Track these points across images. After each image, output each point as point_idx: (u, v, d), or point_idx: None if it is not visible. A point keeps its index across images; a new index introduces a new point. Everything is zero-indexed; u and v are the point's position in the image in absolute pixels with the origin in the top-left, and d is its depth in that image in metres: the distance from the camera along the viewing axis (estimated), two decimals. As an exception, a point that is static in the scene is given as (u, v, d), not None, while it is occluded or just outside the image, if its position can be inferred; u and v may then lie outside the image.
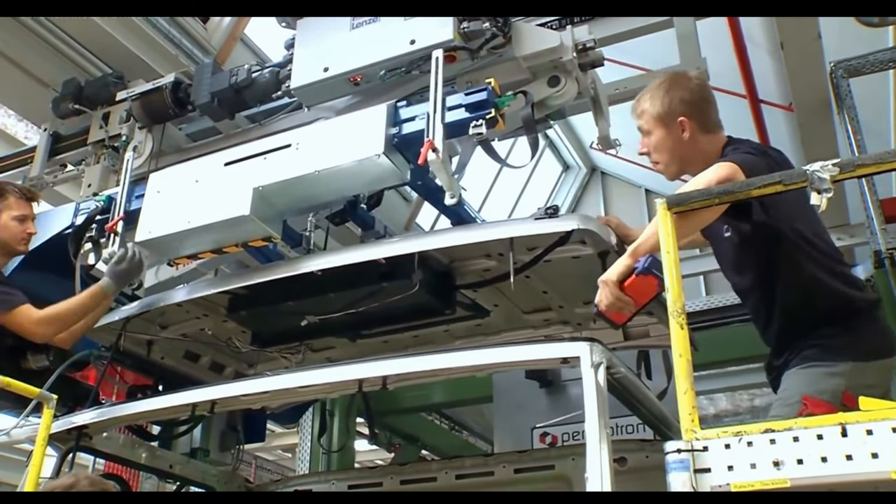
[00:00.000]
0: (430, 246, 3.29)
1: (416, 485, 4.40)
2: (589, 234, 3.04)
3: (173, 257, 3.68)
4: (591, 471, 2.42)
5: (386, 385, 3.16)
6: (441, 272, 3.53)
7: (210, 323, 4.05)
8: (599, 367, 2.64)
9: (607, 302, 2.69)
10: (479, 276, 3.58)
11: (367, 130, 3.32)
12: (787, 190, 2.23)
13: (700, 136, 3.15)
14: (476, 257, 3.44)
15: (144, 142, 4.57)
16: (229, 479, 4.89)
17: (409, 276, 3.34)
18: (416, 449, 7.28)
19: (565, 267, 3.35)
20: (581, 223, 3.03)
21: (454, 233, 3.40)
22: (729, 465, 2.00)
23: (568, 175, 14.16)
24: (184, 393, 3.43)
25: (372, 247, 3.44)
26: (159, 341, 4.18)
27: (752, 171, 2.62)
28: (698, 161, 3.06)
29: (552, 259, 3.28)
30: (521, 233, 3.14)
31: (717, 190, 2.41)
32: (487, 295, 3.70)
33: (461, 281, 3.61)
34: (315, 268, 3.38)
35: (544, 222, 3.06)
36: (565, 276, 3.45)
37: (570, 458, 4.10)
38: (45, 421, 3.41)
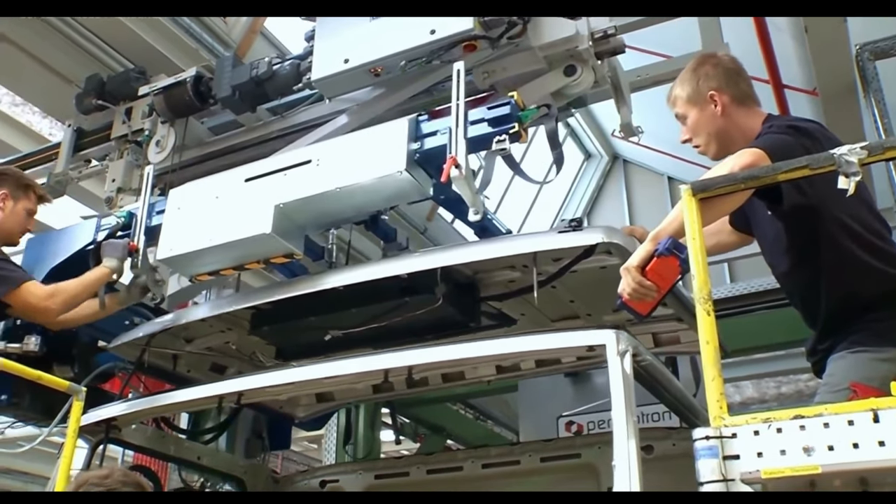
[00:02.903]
0: (453, 261, 3.24)
1: (443, 474, 4.42)
2: (614, 246, 2.99)
3: (195, 274, 3.67)
4: (619, 459, 2.42)
5: (412, 375, 3.16)
6: (465, 284, 3.48)
7: (234, 337, 4.04)
8: (626, 354, 2.63)
9: (630, 289, 2.65)
10: (504, 287, 3.52)
11: (388, 146, 3.27)
12: (814, 174, 2.20)
13: (735, 110, 3.12)
14: (500, 269, 3.39)
15: (167, 136, 4.60)
16: (256, 470, 4.92)
17: (433, 290, 3.30)
18: (441, 439, 7.28)
19: (591, 276, 3.30)
20: (606, 236, 2.97)
21: (477, 247, 3.34)
22: (758, 452, 1.98)
23: (589, 163, 14.11)
24: (211, 385, 3.45)
25: (394, 261, 3.40)
26: (185, 355, 4.18)
27: (782, 153, 2.57)
28: (738, 137, 3.03)
29: (578, 269, 3.24)
30: (544, 247, 3.09)
31: (742, 175, 2.38)
32: (513, 304, 3.65)
33: (485, 292, 3.57)
34: (337, 284, 3.35)
35: (568, 235, 3.01)
36: (592, 286, 3.40)
37: (596, 447, 4.09)
38: (74, 413, 3.46)
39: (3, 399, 4.20)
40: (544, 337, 2.86)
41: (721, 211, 2.80)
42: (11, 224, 3.97)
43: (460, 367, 3.64)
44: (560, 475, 4.20)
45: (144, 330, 3.91)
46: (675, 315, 3.53)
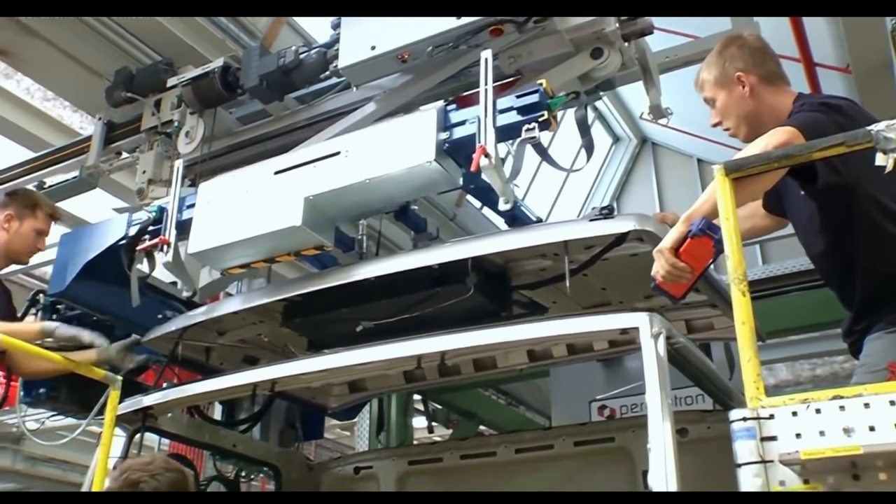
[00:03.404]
0: (484, 251, 3.22)
1: (476, 459, 4.42)
2: (646, 233, 2.96)
3: (226, 267, 3.68)
4: (654, 442, 2.40)
5: (444, 361, 3.16)
6: (496, 273, 3.47)
7: (266, 329, 4.05)
8: (659, 337, 2.61)
9: (663, 271, 2.63)
10: (536, 275, 3.51)
11: (417, 136, 3.25)
12: (851, 151, 2.17)
13: (764, 90, 3.08)
14: (532, 257, 3.37)
15: (196, 127, 4.62)
16: (291, 458, 4.97)
17: (463, 280, 3.29)
18: (473, 424, 7.29)
19: (623, 264, 3.27)
20: (637, 224, 2.95)
21: (508, 236, 3.32)
22: (797, 433, 1.96)
23: (618, 147, 14.02)
24: (245, 373, 3.48)
25: (425, 252, 3.39)
26: (217, 347, 4.21)
27: (815, 131, 2.53)
28: (768, 118, 2.99)
29: (609, 257, 3.22)
30: (576, 235, 3.07)
31: (776, 154, 2.35)
32: (545, 293, 3.63)
33: (517, 281, 3.55)
34: (368, 275, 3.35)
35: (599, 223, 2.99)
36: (624, 273, 3.38)
37: (630, 430, 4.08)
38: (111, 402, 3.51)
39: (42, 392, 4.27)
40: (577, 320, 2.84)
41: (754, 191, 2.77)
42: (18, 244, 4.01)
43: (492, 351, 3.64)
44: (594, 459, 4.19)
45: (177, 323, 3.93)
46: (709, 301, 3.50)
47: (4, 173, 5.87)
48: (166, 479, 2.34)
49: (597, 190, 13.81)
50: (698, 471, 2.67)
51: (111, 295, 4.17)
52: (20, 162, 5.87)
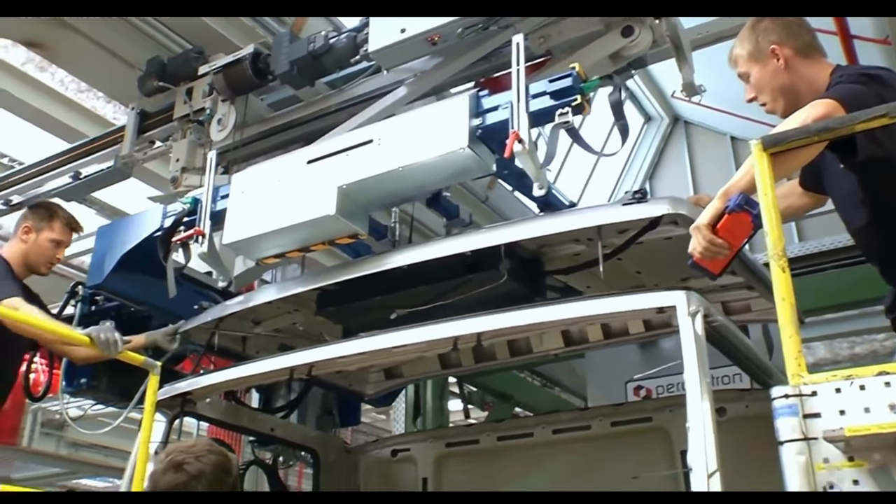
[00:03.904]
0: (517, 237, 3.21)
1: (513, 441, 4.43)
2: (680, 217, 2.93)
3: (261, 257, 3.70)
4: (693, 421, 2.39)
5: (481, 342, 3.15)
6: (529, 259, 3.46)
7: (301, 317, 4.07)
8: (696, 315, 2.59)
9: (701, 248, 2.59)
10: (570, 260, 3.49)
11: (449, 123, 3.23)
12: (894, 123, 2.12)
13: (799, 62, 3.03)
14: (565, 242, 3.35)
15: (228, 114, 4.64)
16: (329, 441, 5.01)
17: (497, 266, 3.28)
18: (509, 406, 7.29)
19: (657, 247, 3.25)
20: (671, 207, 2.92)
21: (541, 221, 3.30)
22: (840, 410, 1.94)
23: (650, 126, 13.89)
24: (282, 357, 3.50)
25: (458, 239, 3.38)
26: (253, 336, 4.23)
27: (856, 103, 2.48)
28: (805, 91, 2.93)
29: (643, 240, 3.20)
30: (609, 220, 3.06)
31: (816, 127, 2.31)
32: (579, 278, 3.63)
33: (550, 266, 3.54)
34: (402, 263, 3.35)
35: (633, 207, 2.97)
36: (658, 256, 3.35)
37: (667, 410, 4.06)
38: (151, 387, 3.57)
39: (83, 382, 4.34)
40: (614, 299, 2.82)
41: (793, 165, 2.72)
42: (34, 255, 4.05)
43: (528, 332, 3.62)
44: (631, 439, 4.18)
45: (213, 313, 3.97)
46: (745, 283, 3.47)
47: (42, 164, 5.96)
48: (210, 461, 2.37)
49: (628, 171, 13.70)
50: (737, 450, 2.65)
51: (148, 286, 4.22)
52: (56, 153, 5.94)
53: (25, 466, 10.40)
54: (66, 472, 11.33)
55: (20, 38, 5.50)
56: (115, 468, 10.37)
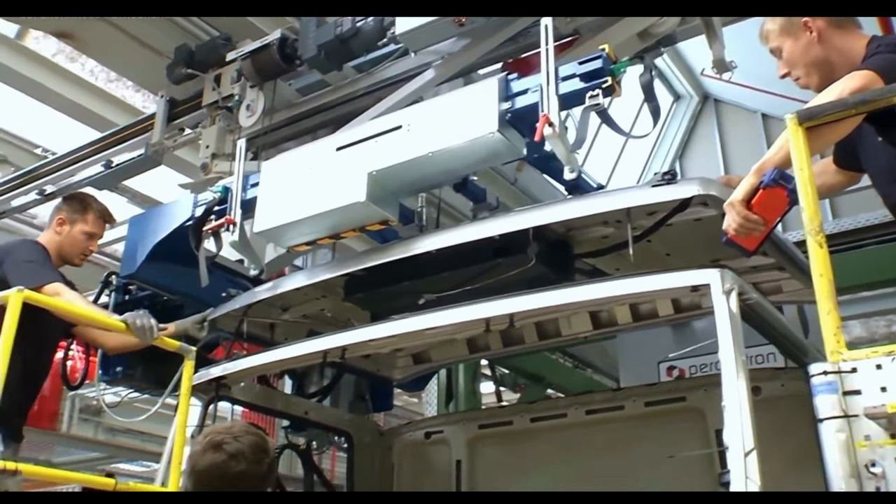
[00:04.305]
0: (546, 220, 3.18)
1: (546, 422, 4.43)
2: (710, 198, 2.90)
3: (292, 245, 3.71)
4: (729, 400, 2.37)
5: (513, 323, 3.14)
6: (557, 242, 3.44)
7: (329, 303, 4.07)
8: (731, 293, 2.57)
9: (735, 224, 2.56)
10: (598, 243, 3.47)
11: (478, 107, 3.20)
12: (933, 93, 2.08)
13: (833, 34, 2.96)
14: (594, 225, 3.33)
15: (256, 100, 4.65)
16: (362, 424, 5.03)
17: (525, 250, 3.26)
18: (541, 388, 7.28)
19: (687, 229, 3.22)
20: (701, 188, 2.88)
21: (570, 204, 3.27)
22: (882, 387, 1.92)
23: (679, 105, 13.74)
24: (314, 340, 3.52)
25: (486, 223, 3.36)
26: (281, 323, 4.24)
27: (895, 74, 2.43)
28: (840, 63, 2.88)
29: (673, 222, 3.17)
30: (639, 202, 3.02)
31: (853, 100, 2.27)
32: (607, 261, 3.60)
33: (579, 249, 3.52)
34: (430, 248, 3.35)
35: (662, 189, 2.93)
36: (687, 238, 3.33)
37: (701, 389, 4.03)
38: (186, 372, 3.61)
39: (119, 371, 4.39)
40: (647, 278, 2.79)
41: (829, 140, 2.67)
42: (68, 247, 4.08)
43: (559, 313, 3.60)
44: (665, 419, 4.16)
45: (241, 301, 3.98)
46: (777, 264, 3.43)
47: (74, 154, 6.01)
48: (248, 441, 2.39)
49: (657, 151, 13.58)
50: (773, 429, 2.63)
51: (180, 275, 4.26)
52: (88, 142, 6.00)
53: (66, 451, 10.61)
54: (104, 456, 11.55)
55: (51, 29, 5.54)
56: (152, 452, 10.55)
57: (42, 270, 3.73)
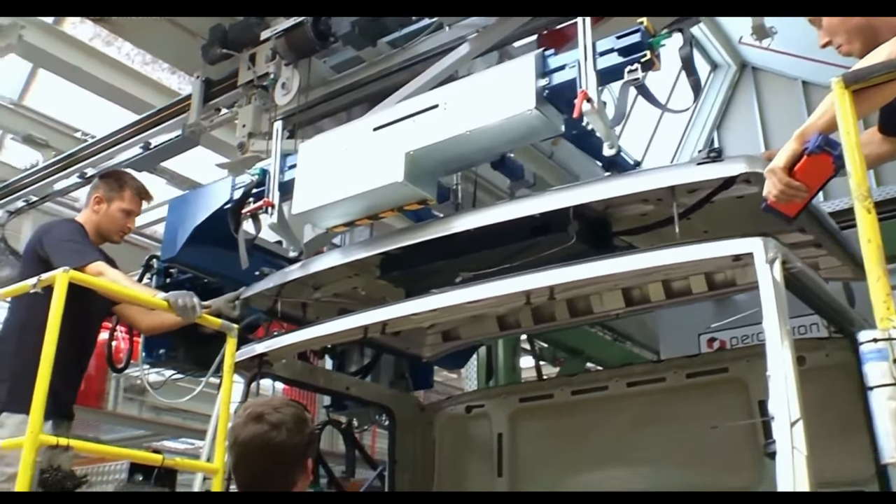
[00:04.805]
0: (589, 198, 3.13)
1: (587, 394, 4.41)
2: (754, 175, 2.83)
3: (330, 226, 3.71)
4: (773, 369, 2.34)
5: (553, 296, 3.12)
6: (597, 220, 3.40)
7: (362, 282, 4.07)
8: (775, 262, 2.53)
9: (776, 191, 2.50)
10: (636, 221, 3.43)
11: (515, 84, 3.15)
12: None
13: None
14: (633, 203, 3.28)
15: (291, 78, 4.67)
16: (403, 400, 5.06)
17: (565, 229, 3.22)
18: (580, 361, 7.25)
19: (727, 206, 3.16)
20: (748, 165, 2.82)
21: (613, 182, 3.22)
22: (933, 353, 1.88)
23: (717, 75, 13.53)
24: (355, 316, 3.52)
25: (527, 201, 3.31)
26: (313, 302, 4.22)
27: None
28: (884, 27, 2.79)
29: (714, 199, 3.13)
30: (683, 180, 2.97)
31: (902, 61, 2.21)
32: (644, 238, 3.53)
33: (617, 227, 3.48)
34: (467, 227, 3.32)
35: (708, 167, 2.88)
36: (727, 215, 3.26)
37: (744, 360, 3.99)
38: (229, 349, 3.65)
39: (162, 353, 4.45)
40: (689, 248, 2.75)
41: (874, 104, 2.60)
42: (106, 225, 4.09)
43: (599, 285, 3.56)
44: (706, 391, 4.13)
45: (274, 280, 3.98)
46: (814, 241, 3.38)
47: (113, 136, 6.09)
48: (288, 412, 2.40)
49: (694, 122, 13.40)
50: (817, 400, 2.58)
51: (220, 257, 4.28)
52: (126, 125, 6.07)
53: (112, 429, 10.83)
54: (149, 434, 11.77)
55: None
56: (195, 430, 10.73)
57: (83, 250, 3.77)
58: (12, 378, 3.56)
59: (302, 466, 2.44)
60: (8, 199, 6.98)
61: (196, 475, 3.83)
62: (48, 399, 2.98)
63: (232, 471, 2.48)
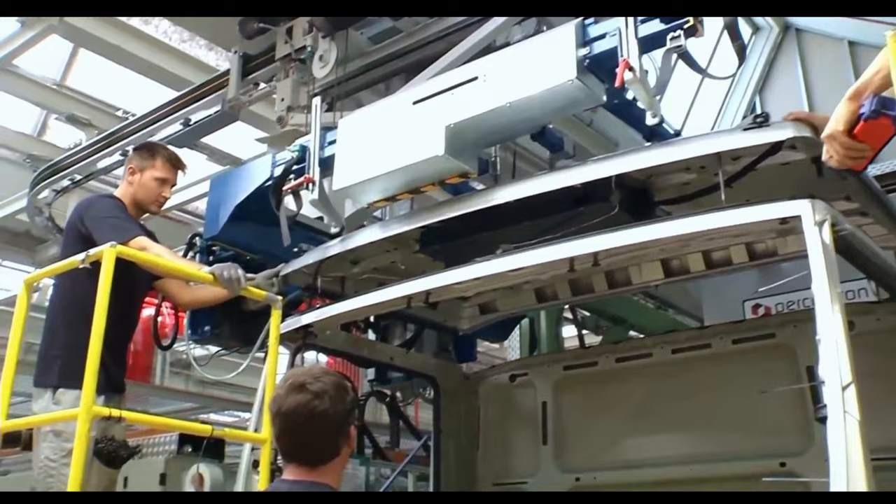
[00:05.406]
0: (631, 167, 3.06)
1: (632, 362, 4.39)
2: (802, 140, 2.77)
3: (371, 201, 3.71)
4: (824, 333, 2.31)
5: (598, 262, 3.09)
6: (638, 189, 3.35)
7: (400, 256, 4.06)
8: (823, 224, 2.48)
9: (839, 157, 2.44)
10: (679, 190, 3.38)
11: (556, 54, 3.10)
12: None
13: None
14: (675, 171, 3.23)
15: (329, 50, 4.67)
16: (448, 368, 5.08)
17: (607, 199, 3.19)
18: (623, 330, 7.21)
19: (770, 173, 3.09)
20: (796, 130, 2.75)
21: (657, 150, 3.13)
22: None
23: (758, 38, 13.25)
24: (399, 286, 3.53)
25: (569, 171, 3.25)
26: (351, 276, 4.24)
27: None
28: None
29: (758, 167, 3.06)
30: (729, 146, 2.91)
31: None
32: (687, 208, 3.44)
33: (659, 197, 3.43)
34: (509, 198, 3.29)
35: (754, 133, 2.82)
36: (770, 183, 3.16)
37: (791, 326, 3.95)
38: (274, 321, 3.68)
39: (207, 330, 4.49)
40: (734, 212, 2.69)
41: None
42: (142, 195, 4.08)
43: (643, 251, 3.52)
44: (753, 357, 4.09)
45: (314, 256, 3.98)
46: (860, 209, 3.30)
47: (153, 114, 6.15)
48: (329, 380, 2.41)
49: (735, 87, 13.15)
50: (868, 367, 2.54)
51: (261, 234, 4.30)
52: (166, 102, 6.12)
53: (160, 403, 11.06)
54: (196, 406, 12.01)
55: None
56: (241, 402, 10.92)
57: (125, 225, 3.80)
58: (64, 354, 3.63)
59: (345, 434, 2.45)
60: (54, 178, 7.09)
61: (244, 446, 3.89)
62: (99, 374, 3.03)
63: (276, 440, 2.49)
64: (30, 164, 8.01)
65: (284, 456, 2.47)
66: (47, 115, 8.51)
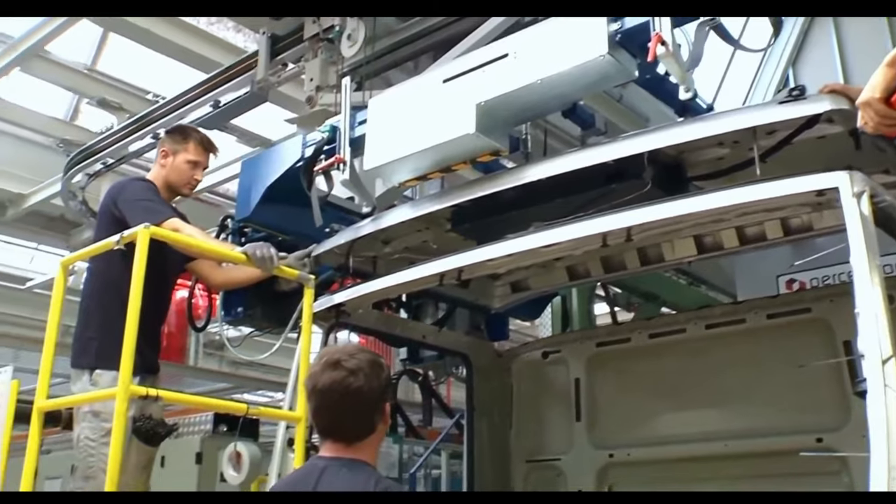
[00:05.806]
0: (665, 142, 3.04)
1: (665, 338, 4.37)
2: (838, 113, 2.73)
3: (402, 180, 3.69)
4: (863, 307, 2.28)
5: (630, 237, 3.06)
6: (671, 165, 3.32)
7: (431, 235, 4.06)
8: (862, 195, 2.45)
9: (874, 124, 2.40)
10: (712, 166, 3.34)
11: (586, 30, 3.07)
12: None
13: None
14: (708, 146, 3.20)
15: (357, 29, 4.64)
16: (480, 347, 5.08)
17: (640, 175, 3.16)
18: (655, 306, 7.17)
19: (805, 148, 3.05)
20: (834, 103, 2.71)
21: (691, 125, 3.12)
22: None
23: (790, 8, 13.02)
24: (430, 264, 3.53)
25: (601, 148, 3.24)
26: (383, 256, 4.25)
27: None
28: None
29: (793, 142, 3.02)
30: (765, 120, 2.86)
31: None
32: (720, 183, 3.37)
33: (692, 172, 3.40)
34: (540, 176, 3.27)
35: (791, 106, 2.78)
36: (805, 157, 3.10)
37: (827, 300, 3.91)
38: (307, 300, 3.69)
39: (240, 311, 4.52)
40: (770, 185, 2.66)
41: None
42: (175, 178, 4.10)
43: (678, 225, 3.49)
44: (788, 332, 4.06)
45: (346, 236, 4.00)
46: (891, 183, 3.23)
47: (183, 96, 6.17)
48: (364, 357, 2.42)
49: (768, 61, 12.94)
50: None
51: (294, 216, 4.30)
52: (195, 84, 6.14)
53: (195, 382, 11.20)
54: (230, 386, 12.14)
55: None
56: (274, 382, 11.02)
57: (157, 207, 3.83)
58: (100, 336, 3.67)
59: (381, 410, 2.46)
60: (87, 162, 7.15)
61: (279, 424, 3.93)
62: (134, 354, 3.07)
63: (312, 417, 2.51)
64: (63, 148, 8.07)
65: (321, 433, 2.49)
66: (79, 100, 8.55)
